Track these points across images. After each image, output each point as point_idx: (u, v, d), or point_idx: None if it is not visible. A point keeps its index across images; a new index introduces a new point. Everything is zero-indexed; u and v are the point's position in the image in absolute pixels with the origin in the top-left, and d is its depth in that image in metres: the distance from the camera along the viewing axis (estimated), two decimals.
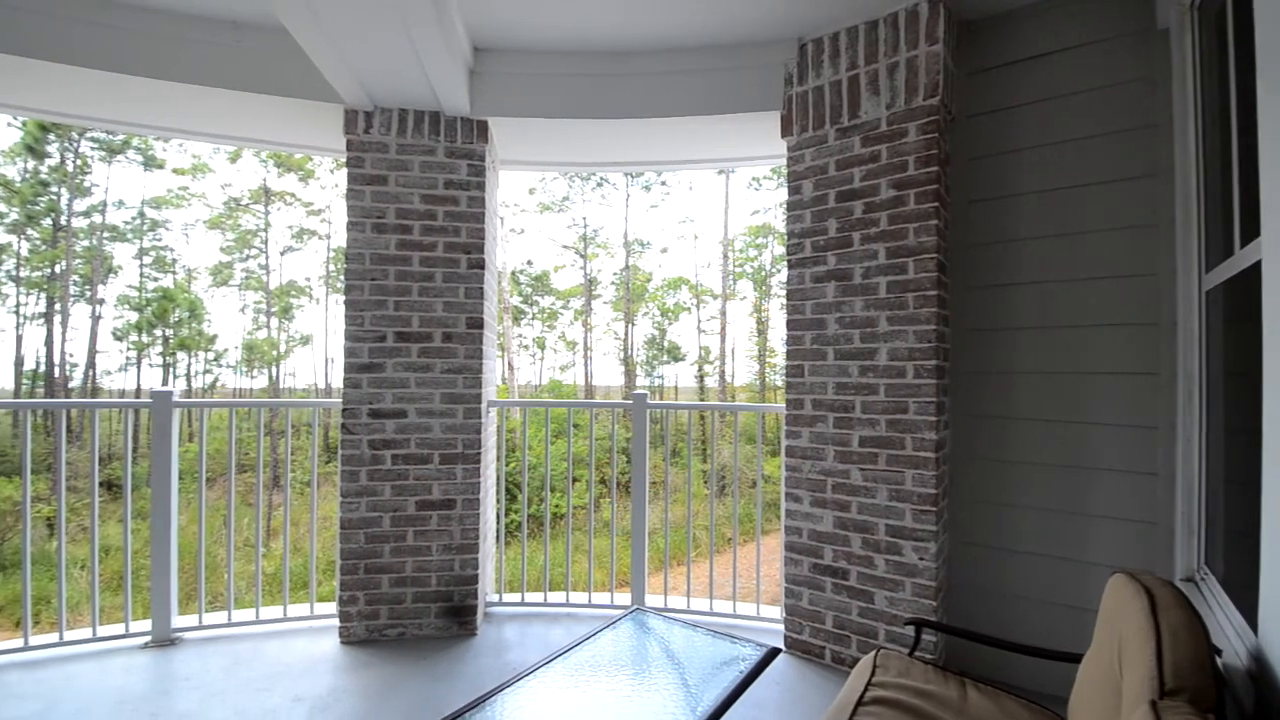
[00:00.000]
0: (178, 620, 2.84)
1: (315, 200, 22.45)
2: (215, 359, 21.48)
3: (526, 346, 27.04)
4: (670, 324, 26.85)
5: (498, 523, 3.36)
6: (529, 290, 26.48)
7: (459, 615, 2.89)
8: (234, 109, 2.81)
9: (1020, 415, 2.45)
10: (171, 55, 2.55)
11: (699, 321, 26.17)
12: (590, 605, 3.21)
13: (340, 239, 22.71)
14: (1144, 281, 2.21)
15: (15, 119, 16.95)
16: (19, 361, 18.97)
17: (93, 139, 18.81)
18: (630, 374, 26.07)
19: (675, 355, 26.69)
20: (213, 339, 21.19)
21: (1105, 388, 2.29)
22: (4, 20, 2.35)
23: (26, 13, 2.38)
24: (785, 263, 2.74)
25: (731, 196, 24.82)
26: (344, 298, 2.82)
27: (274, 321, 22.35)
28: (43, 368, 19.08)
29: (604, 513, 12.60)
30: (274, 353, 21.90)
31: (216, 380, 21.60)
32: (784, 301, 2.79)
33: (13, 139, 17.92)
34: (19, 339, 19.02)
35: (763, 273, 25.23)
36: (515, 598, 3.22)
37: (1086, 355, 2.32)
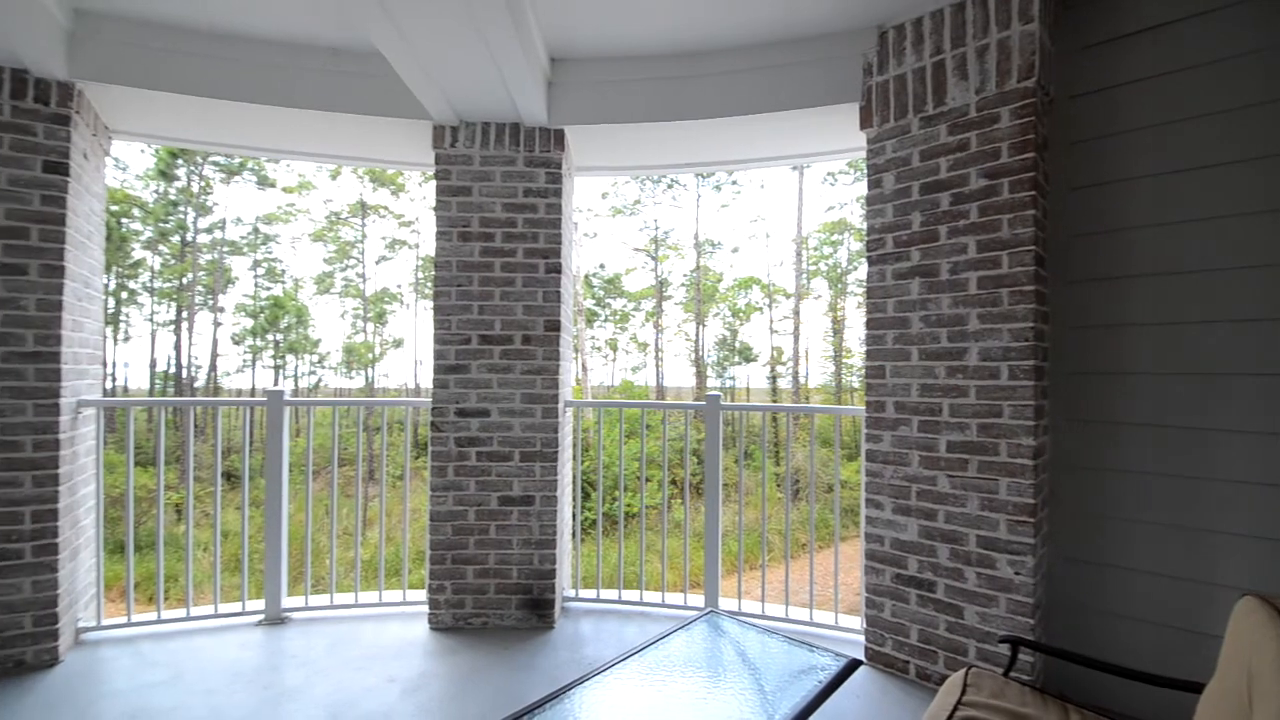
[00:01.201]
0: (287, 601, 3.10)
1: (406, 212, 24.00)
2: (319, 361, 23.33)
3: (599, 348, 27.47)
4: (742, 324, 26.46)
5: (574, 520, 3.44)
6: (601, 293, 26.90)
7: (538, 608, 2.99)
8: (335, 129, 3.05)
9: (1132, 420, 2.24)
10: (281, 83, 2.79)
11: (771, 321, 25.64)
12: (663, 605, 3.22)
13: (427, 248, 24.07)
14: None
15: (149, 146, 19.10)
16: (152, 364, 21.40)
17: (214, 162, 20.91)
18: (701, 375, 25.91)
19: (747, 356, 26.27)
20: (317, 343, 23.04)
21: (1234, 389, 2.05)
22: (141, 59, 2.65)
23: (160, 51, 2.67)
24: (864, 259, 2.65)
25: (805, 193, 24.15)
26: (433, 303, 2.99)
27: (370, 326, 24.02)
28: (172, 369, 21.38)
29: (675, 513, 12.58)
30: (370, 355, 23.52)
31: (320, 381, 23.41)
32: (862, 300, 2.69)
33: (147, 165, 20.25)
34: (153, 343, 21.46)
35: (838, 270, 24.38)
36: (591, 594, 3.29)
37: (1211, 354, 2.10)
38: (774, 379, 24.85)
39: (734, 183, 25.66)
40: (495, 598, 2.99)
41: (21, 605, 2.50)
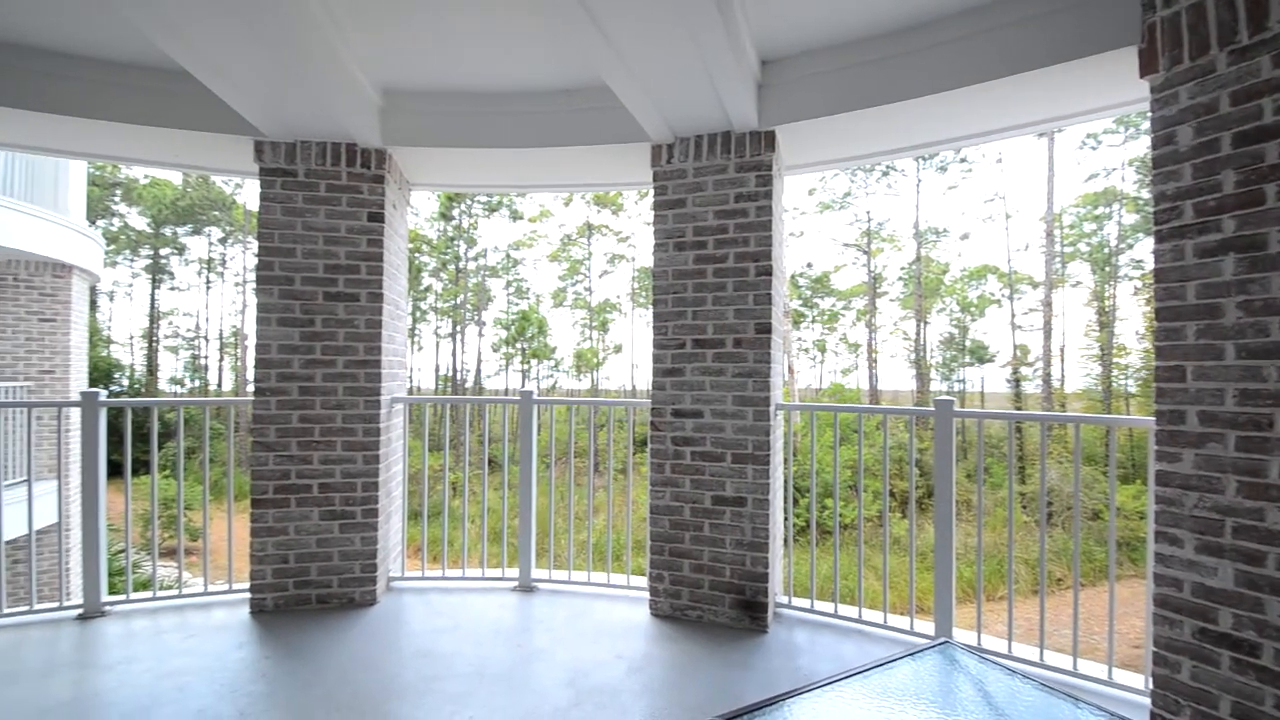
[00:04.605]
0: (535, 572, 3.59)
1: (623, 229, 26.30)
2: (555, 366, 26.79)
3: (806, 350, 26.54)
4: (973, 320, 23.31)
5: (786, 525, 3.40)
6: (808, 293, 25.98)
7: (751, 610, 3.01)
8: (569, 161, 3.46)
9: None
10: (529, 127, 3.26)
11: (1013, 315, 22.08)
12: (884, 626, 3.00)
13: (642, 260, 26.00)
14: None
15: (433, 194, 23.80)
16: (436, 368, 26.79)
17: (479, 202, 25.41)
18: (923, 378, 23.43)
19: (980, 356, 23.05)
20: (553, 350, 26.44)
21: None
22: (431, 123, 3.30)
23: (444, 115, 3.31)
24: (1150, 234, 2.16)
25: (1057, 162, 20.24)
26: (651, 310, 3.22)
27: (595, 334, 26.72)
28: (449, 373, 26.35)
29: (894, 529, 11.53)
30: (595, 360, 26.16)
31: (555, 383, 26.84)
32: (1141, 285, 2.20)
33: (432, 209, 25.30)
34: (436, 352, 26.76)
35: (1105, 250, 20.02)
36: (804, 603, 3.21)
37: None
38: (1016, 382, 21.36)
39: (963, 160, 22.79)
40: (709, 594, 3.09)
41: (354, 555, 3.29)
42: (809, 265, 26.03)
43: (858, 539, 2.92)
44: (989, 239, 28.51)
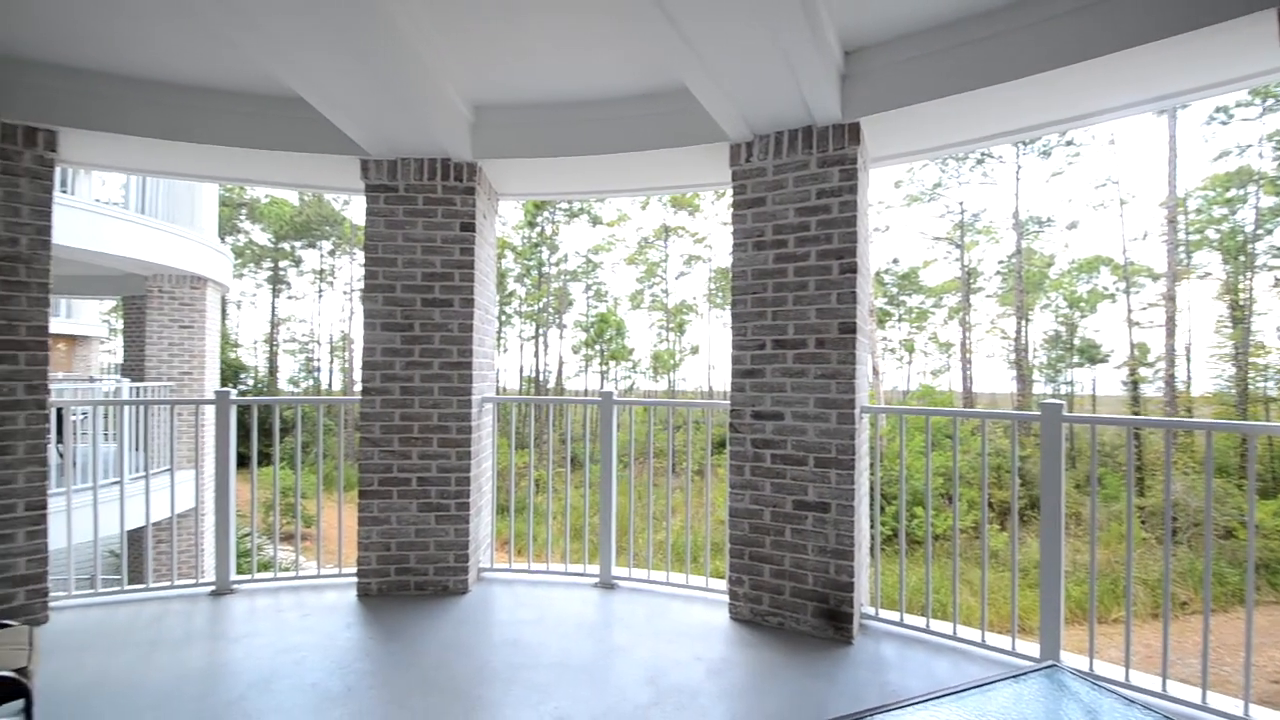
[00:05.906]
0: (615, 570, 3.65)
1: (700, 230, 26.26)
2: (633, 367, 27.23)
3: (892, 350, 25.39)
4: (1083, 316, 21.36)
5: (872, 534, 3.26)
6: (894, 290, 24.83)
7: (835, 620, 2.92)
8: (649, 164, 3.50)
9: None
10: (611, 133, 3.32)
11: (1129, 311, 20.02)
12: (982, 645, 2.81)
13: (719, 260, 25.83)
14: None
15: (519, 203, 24.86)
16: (520, 370, 28.12)
17: (560, 208, 26.21)
18: (1024, 379, 21.74)
19: (1092, 356, 21.09)
20: (630, 351, 26.84)
21: None
22: (518, 135, 3.44)
23: (531, 126, 3.43)
24: None
25: (1180, 141, 18.12)
26: (730, 311, 3.19)
27: (671, 335, 26.86)
28: (533, 374, 27.42)
29: (992, 541, 10.75)
30: (672, 361, 26.30)
31: (633, 384, 27.27)
32: None
33: (517, 218, 26.38)
34: (520, 354, 28.01)
35: (1239, 238, 17.73)
36: (892, 616, 3.07)
37: None
38: (1134, 384, 19.35)
39: (1069, 143, 20.95)
40: (791, 600, 3.02)
41: (448, 545, 3.48)
42: (895, 261, 24.86)
43: (952, 550, 2.76)
44: (1101, 228, 26.00)
